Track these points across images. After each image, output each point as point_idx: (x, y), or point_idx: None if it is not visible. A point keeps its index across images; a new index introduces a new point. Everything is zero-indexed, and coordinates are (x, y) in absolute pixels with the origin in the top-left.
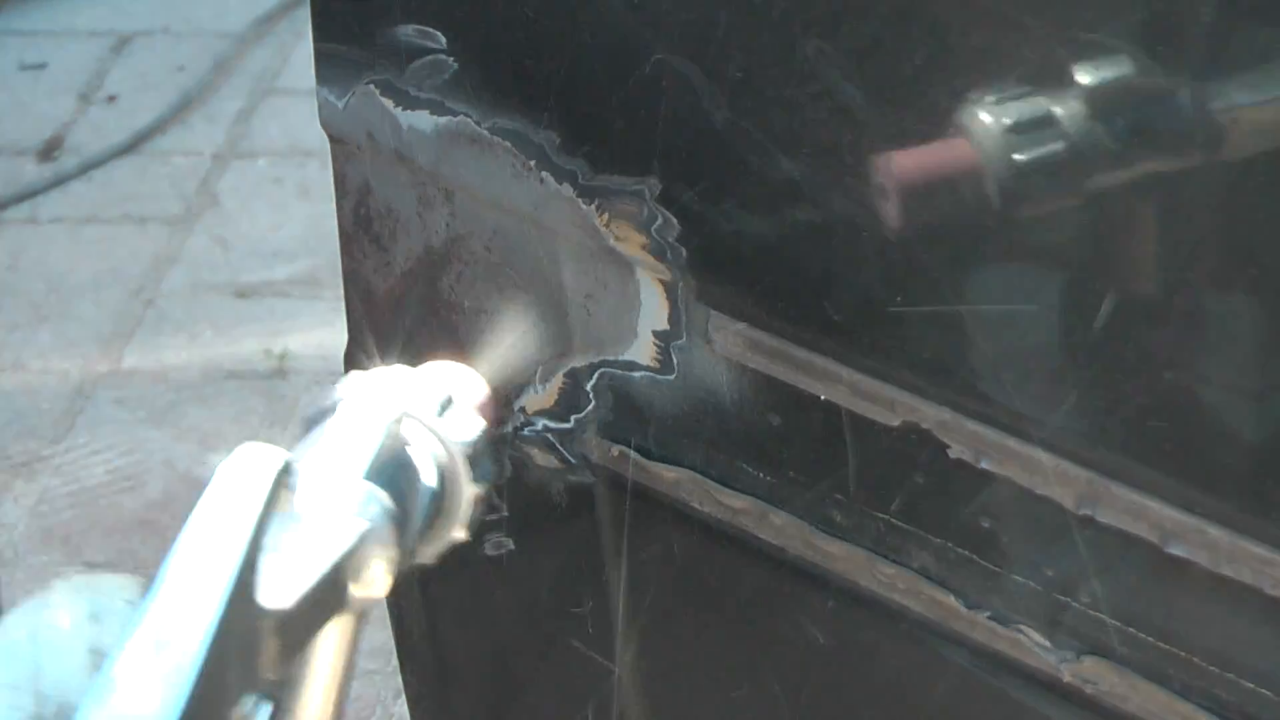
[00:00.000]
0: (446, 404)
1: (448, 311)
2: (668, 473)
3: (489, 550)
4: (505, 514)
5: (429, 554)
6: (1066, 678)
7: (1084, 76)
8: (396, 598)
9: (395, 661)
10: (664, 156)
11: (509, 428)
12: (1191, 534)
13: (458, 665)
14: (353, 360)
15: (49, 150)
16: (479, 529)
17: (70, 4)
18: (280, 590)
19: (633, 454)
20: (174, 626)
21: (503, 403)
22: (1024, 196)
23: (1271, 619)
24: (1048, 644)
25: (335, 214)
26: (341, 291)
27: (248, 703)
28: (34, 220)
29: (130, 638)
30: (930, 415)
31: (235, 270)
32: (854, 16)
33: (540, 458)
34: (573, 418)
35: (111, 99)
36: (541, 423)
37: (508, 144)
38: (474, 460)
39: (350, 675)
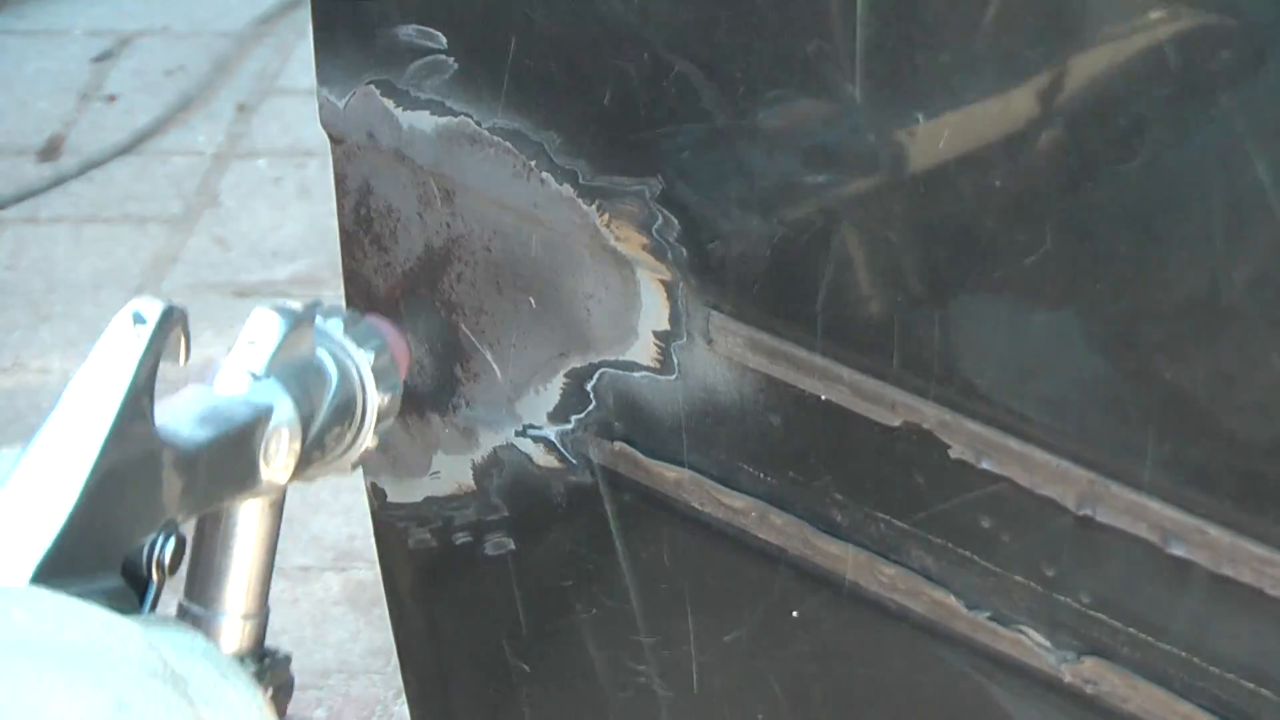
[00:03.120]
0: (353, 321)
1: (448, 311)
2: (668, 473)
3: (489, 550)
4: (505, 514)
5: (346, 461)
6: (1067, 678)
7: None
8: (396, 598)
9: (395, 661)
10: (664, 156)
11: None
12: (1192, 534)
13: (458, 665)
14: None
15: (49, 150)
16: (479, 529)
17: (70, 4)
18: (182, 433)
19: (633, 454)
20: (70, 435)
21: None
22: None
23: (1272, 619)
24: (1048, 644)
25: (335, 214)
26: (342, 291)
27: (152, 533)
28: (34, 220)
29: (29, 448)
30: (931, 415)
31: (235, 270)
32: (855, 17)
33: (541, 458)
34: (573, 418)
35: (111, 99)
36: (542, 423)
37: (508, 144)
38: (380, 373)
39: (271, 565)
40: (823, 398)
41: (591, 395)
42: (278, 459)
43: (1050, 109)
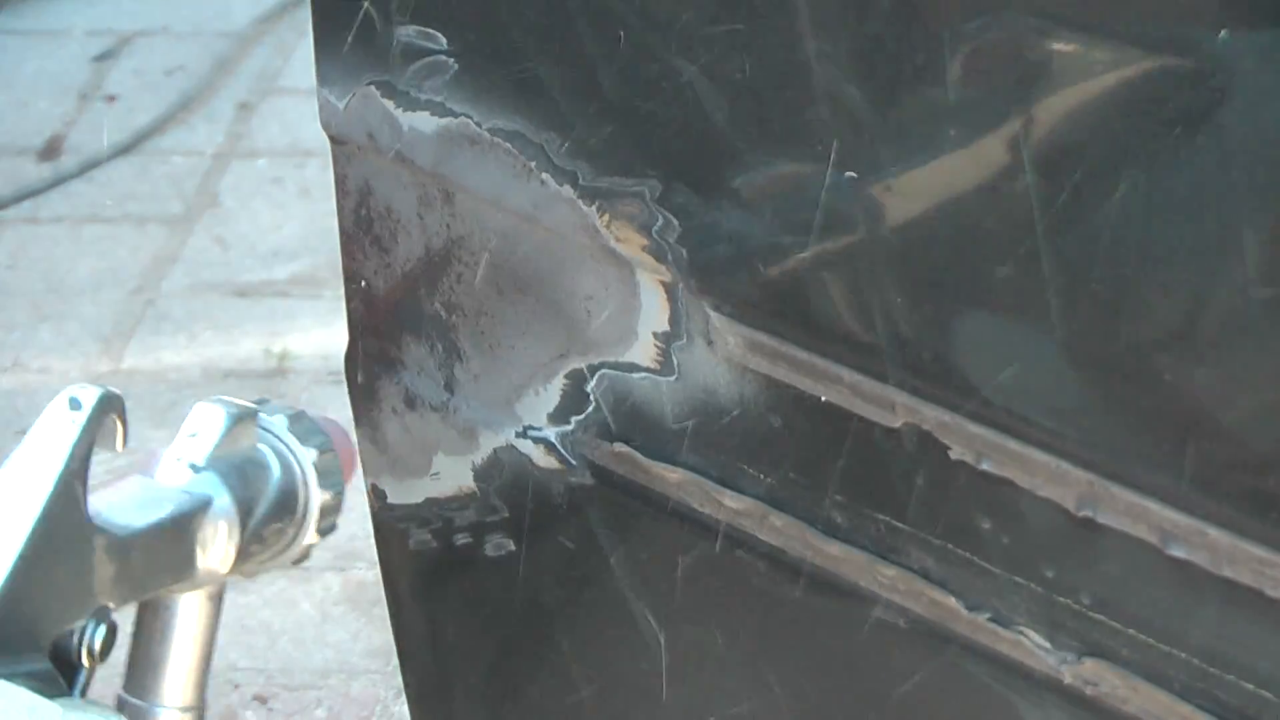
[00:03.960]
0: (297, 418)
1: (447, 313)
2: (668, 474)
3: (489, 551)
4: (505, 515)
5: (287, 557)
6: (1067, 679)
7: None
8: (396, 598)
9: (395, 661)
10: (664, 157)
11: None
12: (1192, 535)
13: (458, 665)
14: (353, 361)
15: (49, 150)
16: (479, 530)
17: (70, 4)
18: (116, 520)
19: (633, 455)
20: None
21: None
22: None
23: (1272, 621)
24: (1048, 645)
25: (335, 214)
26: (341, 291)
27: (81, 619)
28: (34, 220)
29: None
30: (931, 416)
31: (235, 270)
32: (855, 17)
33: (541, 459)
34: (573, 419)
35: (111, 99)
36: (542, 424)
37: (508, 145)
38: (323, 470)
39: (210, 658)
40: (823, 399)
41: (591, 396)
42: (215, 550)
43: (1046, 112)
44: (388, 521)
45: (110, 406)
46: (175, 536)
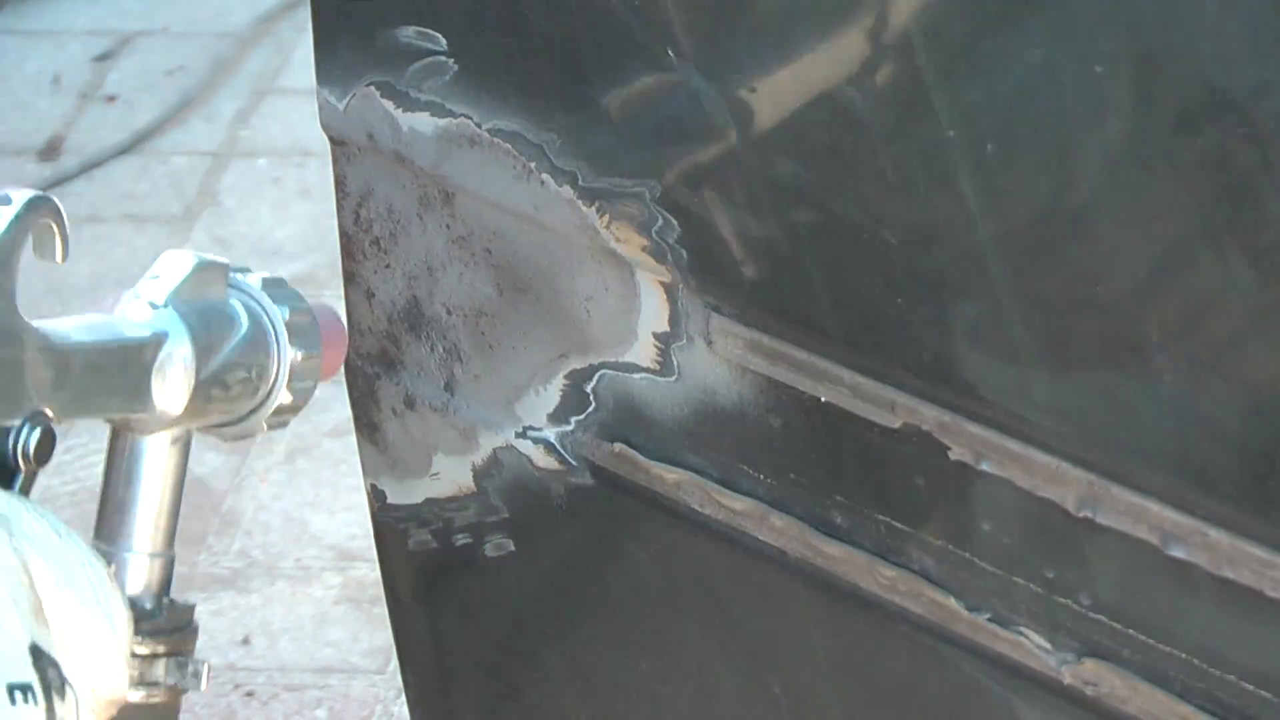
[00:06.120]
0: (274, 282)
1: (448, 313)
2: (668, 474)
3: (489, 551)
4: (505, 515)
5: (259, 416)
6: (1067, 679)
7: None
8: (396, 598)
9: (395, 661)
10: (664, 158)
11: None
12: (1192, 536)
13: (458, 665)
14: (353, 361)
15: (49, 150)
16: (479, 530)
17: (70, 4)
18: (57, 330)
19: (633, 455)
20: None
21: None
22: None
23: (1271, 620)
24: (1048, 646)
25: (335, 214)
26: (342, 291)
27: (15, 419)
28: None
29: None
30: (931, 417)
31: None
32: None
33: (541, 459)
34: (573, 419)
35: (111, 99)
36: (542, 425)
37: (508, 146)
38: (296, 330)
39: (177, 507)
40: (823, 399)
41: (591, 397)
42: (171, 383)
43: (1056, 124)
44: (388, 521)
45: (44, 210)
46: (124, 360)
